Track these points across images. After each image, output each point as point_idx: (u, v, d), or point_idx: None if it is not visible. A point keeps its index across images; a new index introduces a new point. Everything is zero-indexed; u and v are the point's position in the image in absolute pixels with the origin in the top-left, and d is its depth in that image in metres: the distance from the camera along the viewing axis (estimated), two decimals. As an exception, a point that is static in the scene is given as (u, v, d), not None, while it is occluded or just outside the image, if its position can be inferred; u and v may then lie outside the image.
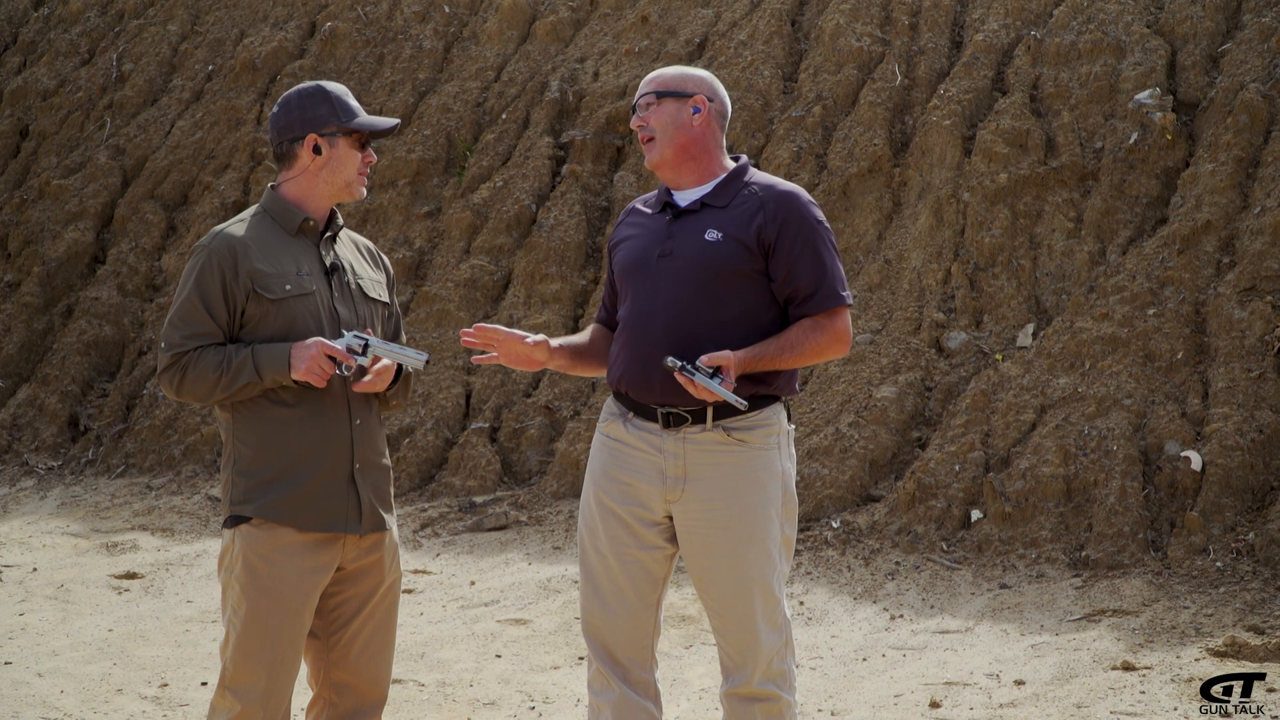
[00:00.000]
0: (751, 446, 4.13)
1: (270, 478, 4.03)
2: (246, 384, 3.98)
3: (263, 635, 4.01)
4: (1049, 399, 7.94)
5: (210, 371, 3.98)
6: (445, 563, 8.18)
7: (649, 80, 4.25)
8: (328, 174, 4.13)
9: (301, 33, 12.35)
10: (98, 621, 7.35)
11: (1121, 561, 7.12)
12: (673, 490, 4.15)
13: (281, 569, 4.01)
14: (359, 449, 4.11)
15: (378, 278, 4.28)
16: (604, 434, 4.26)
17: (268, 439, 4.04)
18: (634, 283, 4.20)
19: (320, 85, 4.17)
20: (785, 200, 4.15)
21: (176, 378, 4.02)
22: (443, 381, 9.67)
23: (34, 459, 10.45)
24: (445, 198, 10.76)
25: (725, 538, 4.13)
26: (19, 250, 11.90)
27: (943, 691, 6.06)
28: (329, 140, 4.11)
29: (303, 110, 4.12)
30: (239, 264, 4.02)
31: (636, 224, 4.29)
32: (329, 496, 4.06)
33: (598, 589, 4.27)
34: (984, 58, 9.54)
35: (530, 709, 6.09)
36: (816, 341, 4.11)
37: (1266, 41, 8.82)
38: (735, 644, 4.18)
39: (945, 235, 8.92)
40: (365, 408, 4.14)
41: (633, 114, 4.27)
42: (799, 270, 4.11)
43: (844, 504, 8.00)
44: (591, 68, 11.00)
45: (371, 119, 4.19)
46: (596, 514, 4.24)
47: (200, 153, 11.87)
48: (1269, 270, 7.88)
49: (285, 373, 3.98)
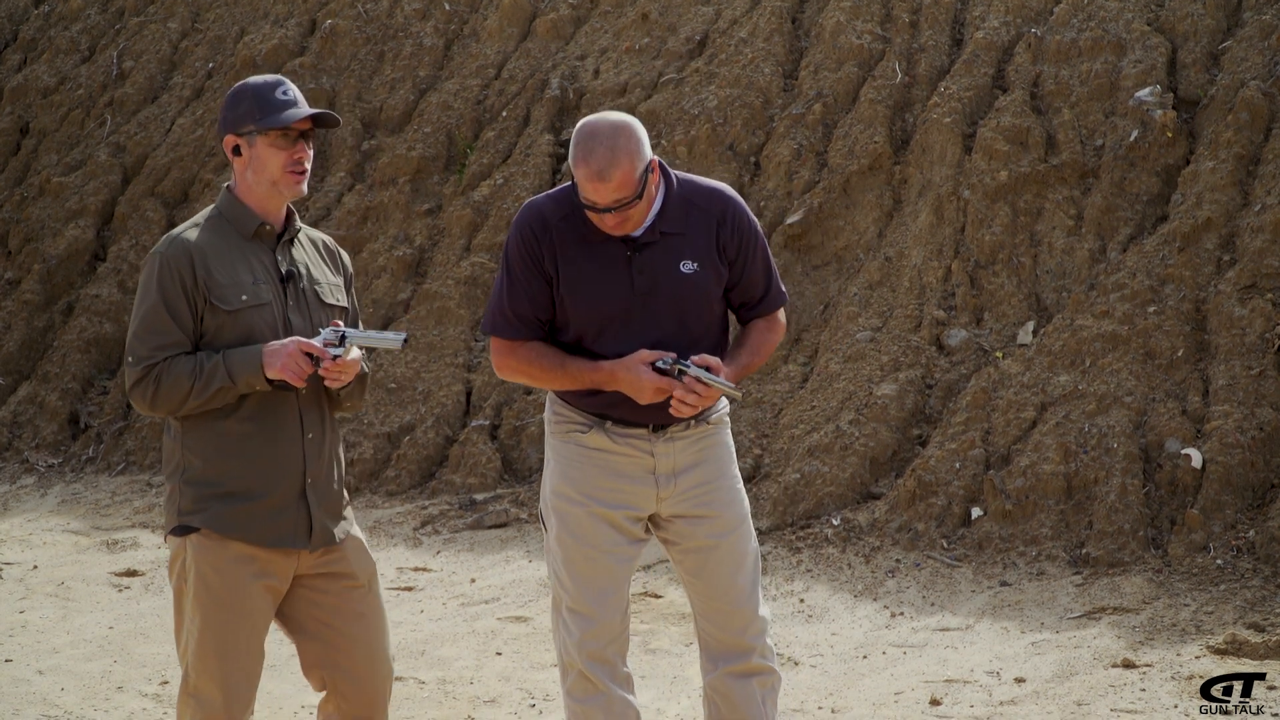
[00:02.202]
0: (721, 428, 4.32)
1: (219, 490, 3.96)
2: (220, 389, 3.89)
3: (219, 645, 3.97)
4: (1049, 396, 7.94)
5: (184, 380, 3.88)
6: (445, 560, 8.18)
7: (617, 187, 3.96)
8: (253, 175, 4.00)
9: (302, 30, 12.35)
10: (98, 619, 7.35)
11: (1122, 559, 7.12)
12: (665, 486, 4.22)
13: (234, 578, 3.97)
14: (311, 464, 4.03)
15: (335, 281, 4.17)
16: (581, 445, 4.22)
17: (219, 450, 3.96)
18: (611, 322, 4.13)
19: (247, 83, 4.04)
20: (734, 210, 4.21)
21: (149, 390, 3.90)
22: (443, 379, 9.67)
23: (34, 456, 10.46)
24: (445, 195, 10.76)
25: (721, 518, 4.26)
26: (19, 248, 11.91)
27: (943, 689, 6.06)
28: (247, 140, 3.98)
29: (226, 110, 4.02)
30: (195, 271, 3.92)
31: (581, 251, 4.12)
32: (278, 511, 3.99)
33: (597, 593, 4.23)
34: (984, 55, 9.54)
35: (530, 706, 6.09)
36: (771, 341, 4.31)
37: (1267, 39, 8.81)
38: (734, 622, 4.26)
39: (946, 233, 8.92)
40: (318, 420, 4.06)
41: (605, 213, 4.02)
42: (754, 277, 4.26)
43: (844, 501, 8.00)
44: (592, 65, 11.00)
45: (283, 114, 3.97)
46: (587, 521, 4.21)
47: (201, 150, 11.87)
48: (1269, 268, 7.88)
49: (259, 375, 3.89)
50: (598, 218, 4.07)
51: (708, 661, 4.34)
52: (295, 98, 4.02)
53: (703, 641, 4.36)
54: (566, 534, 4.24)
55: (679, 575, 4.39)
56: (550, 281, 4.15)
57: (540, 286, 4.15)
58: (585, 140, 4.00)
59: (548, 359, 4.17)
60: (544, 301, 4.17)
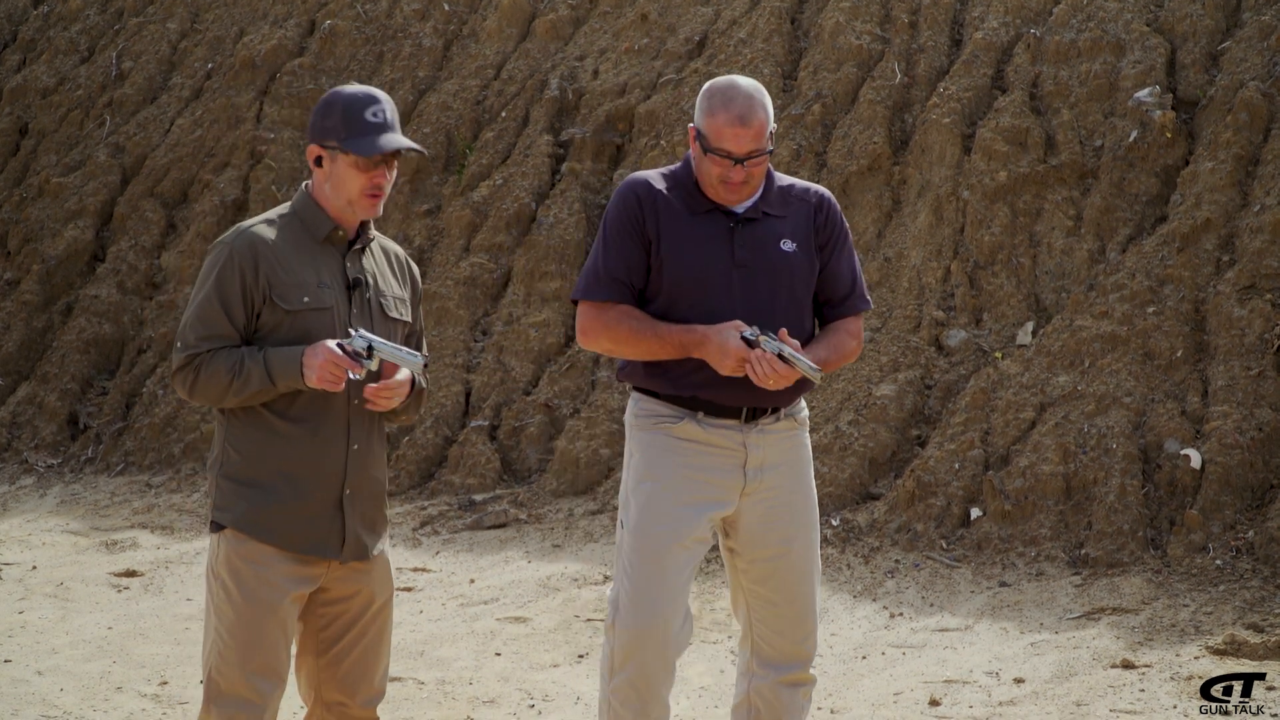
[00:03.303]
0: (804, 430, 4.34)
1: (255, 489, 3.88)
2: (259, 390, 3.82)
3: (246, 639, 3.87)
4: (1048, 397, 7.94)
5: (223, 375, 3.81)
6: (445, 561, 8.18)
7: (756, 135, 4.10)
8: (331, 189, 3.93)
9: (301, 31, 12.35)
10: (97, 619, 7.35)
11: (1121, 560, 7.12)
12: (752, 480, 4.21)
13: (266, 574, 3.88)
14: (352, 474, 3.95)
15: (402, 295, 4.08)
16: (673, 435, 4.20)
17: (260, 448, 3.89)
18: (704, 291, 4.15)
19: (340, 94, 3.92)
20: (830, 203, 4.30)
21: (189, 379, 3.86)
22: (442, 379, 9.67)
23: (34, 457, 10.46)
24: (445, 195, 10.76)
25: (796, 523, 4.26)
26: (19, 248, 11.90)
27: (942, 689, 6.06)
28: (330, 155, 3.91)
29: (317, 117, 3.92)
30: (259, 266, 3.85)
31: (685, 220, 4.18)
32: (313, 519, 3.91)
33: (673, 590, 4.15)
34: (984, 56, 9.54)
35: (530, 707, 6.09)
36: (850, 348, 4.33)
37: (1266, 39, 8.82)
38: (797, 631, 4.26)
39: (945, 233, 8.92)
40: (366, 431, 3.98)
41: (738, 164, 4.11)
42: (841, 273, 4.29)
43: (843, 502, 8.00)
44: (591, 66, 11.00)
45: (371, 140, 3.88)
46: (674, 512, 4.17)
47: (200, 151, 11.86)
48: (1268, 268, 7.88)
49: (298, 379, 3.80)
50: (725, 174, 4.12)
51: (760, 667, 4.30)
52: (386, 119, 3.91)
53: (756, 648, 4.31)
54: (649, 520, 4.18)
55: (737, 583, 4.31)
56: (648, 248, 4.18)
57: (637, 251, 4.17)
58: (725, 90, 4.14)
59: (638, 319, 4.15)
60: (639, 266, 4.17)
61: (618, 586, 4.22)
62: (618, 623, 4.18)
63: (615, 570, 4.30)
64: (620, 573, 4.22)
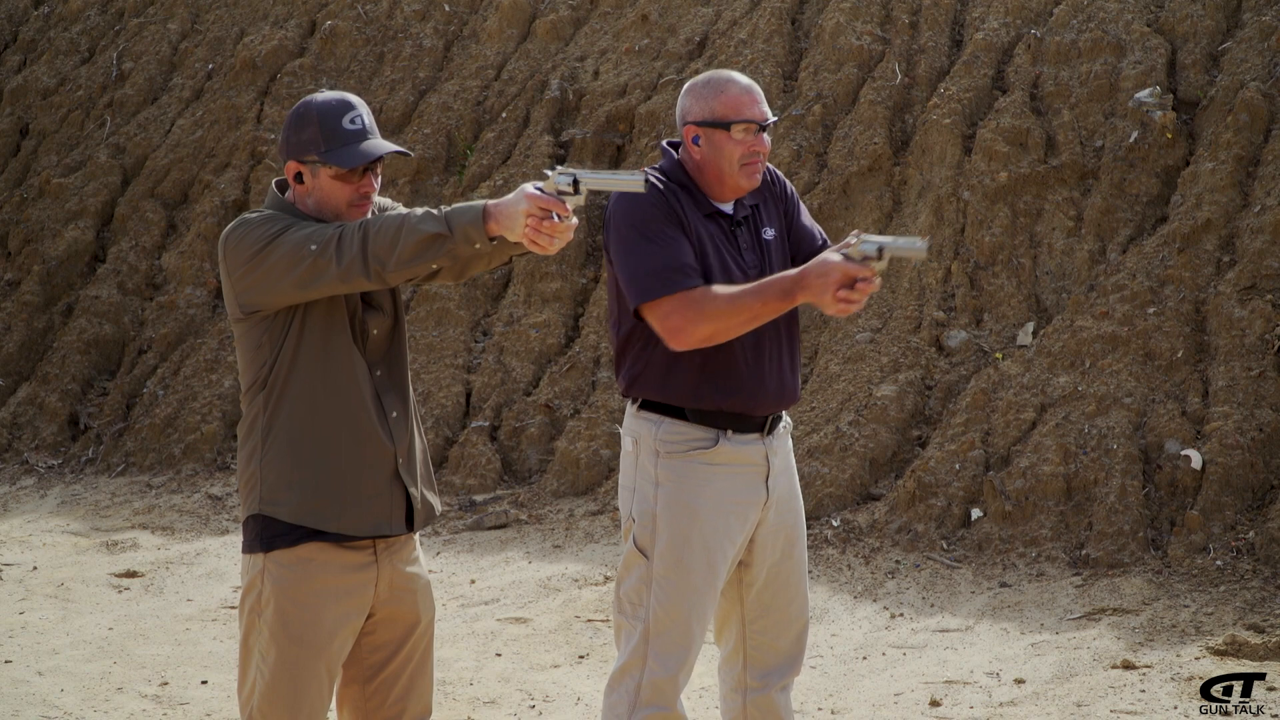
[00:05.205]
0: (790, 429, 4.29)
1: (306, 472, 3.67)
2: (434, 236, 3.50)
3: (294, 685, 3.68)
4: (1049, 398, 7.94)
5: (390, 225, 3.52)
6: (445, 561, 8.18)
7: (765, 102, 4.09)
8: (315, 203, 3.74)
9: (302, 31, 12.35)
10: (98, 620, 7.35)
11: (1122, 560, 7.12)
12: (771, 494, 4.12)
13: (316, 614, 3.67)
14: (400, 442, 3.77)
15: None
16: (707, 463, 4.02)
17: (301, 435, 3.68)
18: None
19: (312, 104, 3.73)
20: (778, 175, 4.27)
21: (348, 243, 3.53)
22: (443, 380, 9.67)
23: (34, 457, 10.46)
24: (445, 196, 10.76)
25: (797, 524, 4.20)
26: (19, 249, 11.90)
27: (943, 690, 6.06)
28: (310, 169, 3.71)
29: (289, 132, 3.73)
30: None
31: (700, 225, 4.06)
32: (374, 497, 3.72)
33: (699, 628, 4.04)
34: (984, 56, 9.54)
35: (530, 707, 6.09)
36: None
37: (1267, 40, 8.82)
38: (796, 635, 4.22)
39: (945, 234, 8.92)
40: (398, 400, 3.80)
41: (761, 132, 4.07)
42: (809, 229, 4.26)
43: (844, 503, 8.00)
44: (591, 66, 11.00)
45: (352, 150, 3.69)
46: (717, 550, 4.02)
47: (200, 151, 11.87)
48: (1269, 269, 7.88)
49: (480, 230, 3.50)
50: (752, 145, 4.04)
51: (756, 679, 4.19)
52: (364, 125, 3.73)
53: (751, 659, 4.19)
54: (698, 559, 4.00)
55: (734, 598, 4.19)
56: (690, 240, 3.99)
57: (686, 242, 3.97)
58: (712, 76, 4.10)
59: (723, 290, 3.87)
60: (693, 254, 3.97)
61: (647, 616, 4.01)
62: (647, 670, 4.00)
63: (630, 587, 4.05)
64: (654, 606, 4.01)
